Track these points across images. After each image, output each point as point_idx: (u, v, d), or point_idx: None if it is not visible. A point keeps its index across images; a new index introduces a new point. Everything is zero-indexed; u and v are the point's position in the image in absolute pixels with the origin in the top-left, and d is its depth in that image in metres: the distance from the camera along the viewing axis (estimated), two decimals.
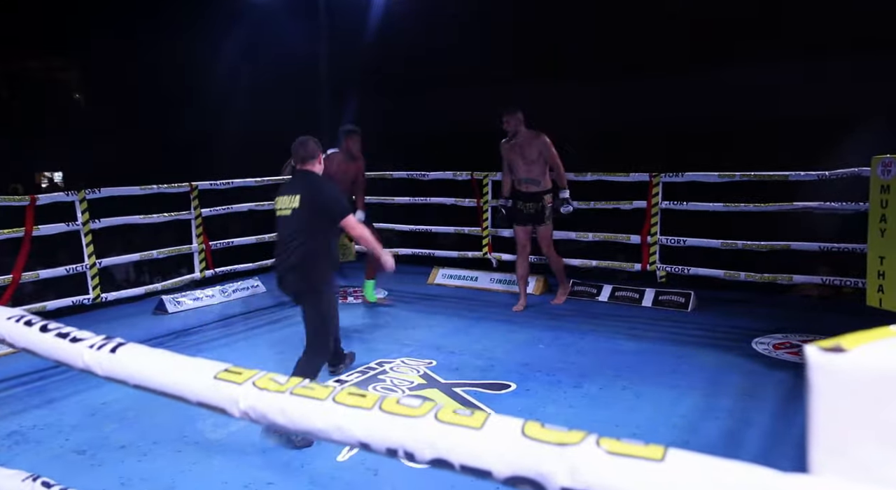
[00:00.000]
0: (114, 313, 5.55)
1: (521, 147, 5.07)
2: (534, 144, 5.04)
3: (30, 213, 4.63)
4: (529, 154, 5.06)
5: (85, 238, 4.93)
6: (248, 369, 0.85)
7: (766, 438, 3.00)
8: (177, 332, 5.04)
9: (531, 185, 5.12)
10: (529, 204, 5.15)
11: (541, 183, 5.12)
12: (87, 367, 1.07)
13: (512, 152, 5.12)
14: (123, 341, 1.07)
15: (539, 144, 5.04)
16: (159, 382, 0.96)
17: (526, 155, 5.07)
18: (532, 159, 5.06)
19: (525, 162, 5.08)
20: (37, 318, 1.24)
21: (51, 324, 1.23)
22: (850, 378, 0.47)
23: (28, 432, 3.26)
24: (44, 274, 4.88)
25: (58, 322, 1.27)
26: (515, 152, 5.10)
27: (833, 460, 0.48)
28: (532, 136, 5.05)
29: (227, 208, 6.06)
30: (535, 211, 5.16)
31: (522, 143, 5.06)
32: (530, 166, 5.07)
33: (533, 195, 5.15)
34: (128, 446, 3.06)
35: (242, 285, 6.21)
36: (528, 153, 5.06)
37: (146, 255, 5.61)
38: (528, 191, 5.14)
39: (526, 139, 5.05)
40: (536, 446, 0.58)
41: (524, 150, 5.07)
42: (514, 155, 5.11)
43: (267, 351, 4.55)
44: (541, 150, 5.04)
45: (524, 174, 5.10)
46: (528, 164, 5.07)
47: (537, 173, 5.10)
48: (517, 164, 5.11)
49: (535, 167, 5.07)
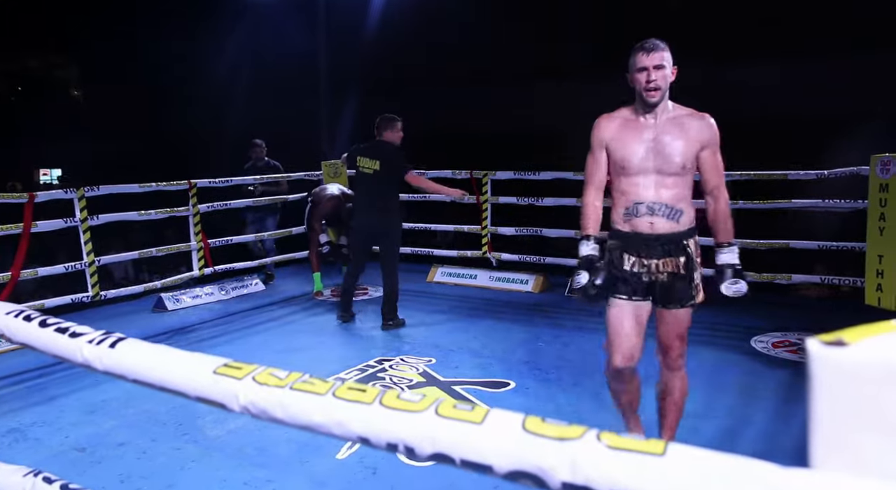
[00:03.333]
0: (113, 311, 5.55)
1: (660, 134, 2.43)
2: (686, 130, 2.42)
3: (28, 210, 4.63)
4: (672, 151, 2.41)
5: (83, 235, 4.93)
6: (247, 364, 0.85)
7: (765, 436, 3.00)
8: (176, 330, 5.04)
9: (661, 217, 2.45)
10: (654, 257, 2.46)
11: (681, 215, 2.45)
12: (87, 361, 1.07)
13: (631, 142, 2.45)
14: (123, 336, 1.07)
15: (698, 133, 2.43)
16: (158, 377, 0.96)
17: (666, 152, 2.41)
18: (674, 163, 2.41)
19: (658, 167, 2.42)
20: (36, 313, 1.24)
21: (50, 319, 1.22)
22: (851, 372, 0.47)
23: (27, 430, 3.26)
24: (43, 271, 4.87)
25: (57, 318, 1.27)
26: (639, 143, 2.44)
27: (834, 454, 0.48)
28: (686, 117, 2.45)
29: (226, 204, 6.05)
30: (666, 274, 2.47)
31: (664, 127, 2.43)
32: (665, 179, 2.43)
33: (664, 240, 2.46)
34: (127, 444, 3.06)
35: (242, 283, 6.21)
36: (669, 149, 2.41)
37: (145, 254, 5.61)
38: (654, 232, 2.46)
39: (672, 120, 2.44)
40: (537, 441, 0.58)
41: (662, 140, 2.42)
42: (634, 147, 2.44)
43: (266, 348, 4.55)
44: (699, 145, 2.43)
45: (651, 194, 2.44)
46: (663, 173, 2.42)
47: (677, 194, 2.45)
48: (637, 170, 2.45)
49: (676, 182, 2.44)
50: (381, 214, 4.67)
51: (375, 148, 4.69)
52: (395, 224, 4.76)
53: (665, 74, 2.37)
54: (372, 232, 4.75)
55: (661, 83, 2.36)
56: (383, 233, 4.71)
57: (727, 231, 2.46)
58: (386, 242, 4.73)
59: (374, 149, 4.69)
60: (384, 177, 4.63)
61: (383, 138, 4.70)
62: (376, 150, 4.67)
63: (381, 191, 4.66)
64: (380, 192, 4.66)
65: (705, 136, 2.41)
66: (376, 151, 4.66)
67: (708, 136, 2.41)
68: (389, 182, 4.67)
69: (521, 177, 6.02)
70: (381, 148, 4.68)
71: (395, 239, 4.76)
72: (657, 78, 2.35)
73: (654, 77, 2.35)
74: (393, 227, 4.73)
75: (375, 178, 4.64)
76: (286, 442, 2.98)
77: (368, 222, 4.73)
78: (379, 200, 4.67)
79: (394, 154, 4.67)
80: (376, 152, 4.66)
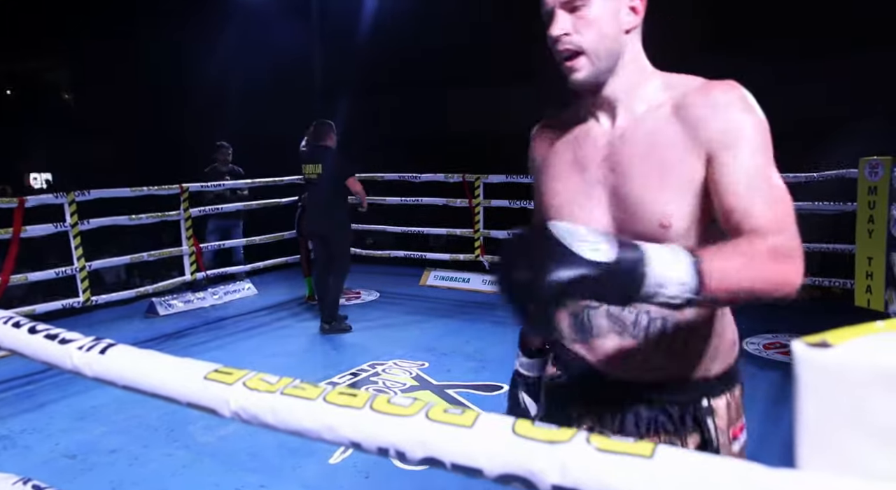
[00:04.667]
0: (103, 316, 5.51)
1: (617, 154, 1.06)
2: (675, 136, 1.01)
3: (18, 214, 4.60)
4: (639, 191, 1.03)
5: (74, 240, 4.90)
6: (238, 369, 0.85)
7: (756, 437, 3.01)
8: (167, 335, 5.02)
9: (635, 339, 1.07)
10: (618, 424, 1.12)
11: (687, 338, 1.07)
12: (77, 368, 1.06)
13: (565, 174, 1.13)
14: (113, 342, 1.06)
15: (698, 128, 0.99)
16: (149, 383, 0.95)
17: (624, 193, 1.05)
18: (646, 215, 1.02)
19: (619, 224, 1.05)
20: (25, 320, 1.23)
21: (39, 325, 1.22)
22: (836, 373, 0.48)
23: (17, 437, 3.23)
24: (32, 276, 4.84)
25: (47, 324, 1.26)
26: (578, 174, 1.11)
27: (819, 455, 0.48)
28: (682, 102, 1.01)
29: (217, 208, 6.03)
30: None
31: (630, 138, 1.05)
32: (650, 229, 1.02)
33: (643, 395, 1.10)
34: (118, 450, 3.04)
35: (234, 288, 6.19)
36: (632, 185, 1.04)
37: (136, 258, 5.58)
38: (618, 373, 1.10)
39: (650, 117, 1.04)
40: (527, 444, 0.59)
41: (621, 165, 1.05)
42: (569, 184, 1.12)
43: (258, 353, 4.53)
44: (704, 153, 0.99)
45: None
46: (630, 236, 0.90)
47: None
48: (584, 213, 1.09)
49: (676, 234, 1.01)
50: (328, 218, 4.76)
51: (316, 153, 4.79)
52: (343, 227, 4.86)
53: (597, 18, 1.01)
54: (322, 235, 4.84)
55: (587, 42, 1.02)
56: (331, 236, 4.78)
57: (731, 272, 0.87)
58: (334, 245, 4.79)
59: (314, 154, 4.79)
60: (328, 181, 4.72)
61: (323, 143, 4.80)
62: (317, 156, 4.77)
63: (326, 195, 4.74)
64: (325, 197, 4.75)
65: (711, 130, 0.98)
66: (317, 157, 4.77)
67: (718, 127, 0.98)
68: (335, 186, 4.74)
69: (514, 180, 6.03)
70: (321, 153, 4.77)
71: (342, 241, 4.85)
72: (570, 30, 1.01)
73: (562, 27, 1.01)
74: (340, 230, 4.82)
75: (320, 184, 4.74)
76: (278, 447, 2.97)
77: (318, 227, 4.84)
78: (325, 205, 4.76)
79: (335, 158, 4.76)
80: (318, 158, 4.76)
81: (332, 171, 4.71)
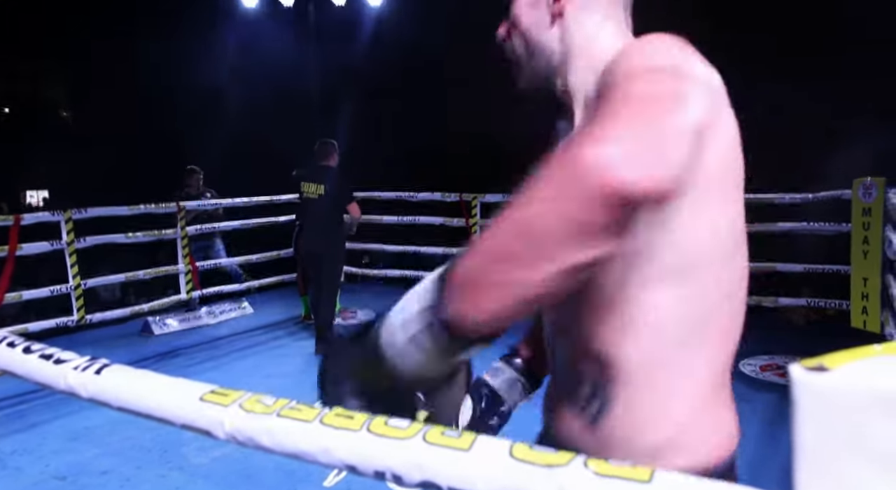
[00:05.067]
0: (98, 335, 5.48)
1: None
2: None
3: (14, 232, 4.58)
4: None
5: (70, 258, 4.88)
6: (234, 390, 0.84)
7: (752, 460, 2.99)
8: (162, 354, 4.98)
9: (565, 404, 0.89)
10: None
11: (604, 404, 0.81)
12: (71, 388, 1.05)
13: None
14: (108, 363, 1.06)
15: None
16: (144, 405, 0.95)
17: None
18: None
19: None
20: (20, 340, 1.22)
21: (34, 345, 1.21)
22: (833, 397, 0.48)
23: (7, 458, 3.19)
24: (27, 294, 4.81)
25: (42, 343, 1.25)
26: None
27: (818, 481, 0.48)
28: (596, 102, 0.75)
29: (214, 227, 6.02)
30: None
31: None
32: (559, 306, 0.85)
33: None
34: (110, 472, 3.00)
35: (230, 306, 6.16)
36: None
37: (132, 277, 5.56)
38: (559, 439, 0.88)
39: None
40: (524, 468, 0.58)
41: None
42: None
43: (254, 372, 4.50)
44: None
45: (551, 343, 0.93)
46: None
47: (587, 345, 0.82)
48: None
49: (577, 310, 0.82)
50: (325, 238, 4.76)
51: (319, 173, 4.79)
52: (338, 248, 4.91)
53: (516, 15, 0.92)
54: (316, 255, 4.82)
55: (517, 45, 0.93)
56: (325, 256, 4.78)
57: None
58: (327, 267, 4.81)
59: (318, 174, 4.80)
60: (329, 202, 4.74)
61: (326, 163, 4.82)
62: (321, 176, 4.78)
63: (325, 215, 4.76)
64: (324, 217, 4.77)
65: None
66: (321, 177, 4.77)
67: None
68: (334, 207, 4.78)
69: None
70: (324, 173, 4.78)
71: (336, 263, 4.91)
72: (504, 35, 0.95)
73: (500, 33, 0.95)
74: (335, 251, 4.87)
75: (320, 203, 4.75)
76: (273, 470, 2.93)
77: (314, 246, 4.81)
78: (323, 225, 4.77)
79: (339, 180, 4.79)
80: (321, 177, 4.77)
81: (334, 191, 4.72)
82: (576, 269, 0.61)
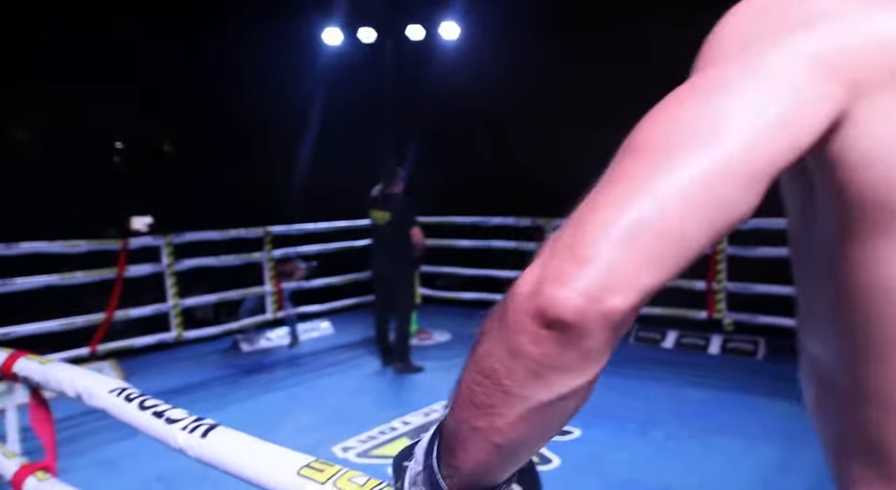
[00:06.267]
0: (192, 352, 5.84)
1: None
2: None
3: (122, 255, 5.03)
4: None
5: (169, 279, 5.29)
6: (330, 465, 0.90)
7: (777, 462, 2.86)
8: (249, 370, 5.28)
9: None
10: None
11: None
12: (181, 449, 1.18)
13: None
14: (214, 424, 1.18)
15: None
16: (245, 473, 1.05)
17: None
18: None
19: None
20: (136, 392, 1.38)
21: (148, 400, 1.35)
22: None
23: (114, 461, 3.47)
24: (134, 313, 5.23)
25: (155, 399, 1.40)
26: None
27: None
28: None
29: (296, 250, 6.33)
30: None
31: None
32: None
33: None
34: (205, 478, 3.22)
35: (312, 326, 6.44)
36: None
37: (223, 297, 5.93)
38: None
39: None
40: None
41: None
42: None
43: (336, 389, 4.70)
44: None
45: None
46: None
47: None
48: None
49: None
50: (393, 262, 5.01)
51: (386, 201, 5.05)
52: (406, 271, 5.12)
53: None
54: (386, 278, 5.09)
55: None
56: (395, 280, 5.04)
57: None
58: (398, 290, 5.04)
59: (384, 202, 5.06)
60: (395, 228, 4.98)
61: (391, 191, 5.07)
62: (387, 204, 5.03)
63: (393, 240, 5.00)
64: (392, 242, 5.00)
65: None
66: (387, 204, 5.03)
67: None
68: (400, 232, 4.99)
69: None
70: (390, 201, 5.04)
71: (406, 286, 5.12)
72: None
73: None
74: (404, 275, 5.09)
75: (387, 229, 5.02)
76: None
77: (382, 270, 5.10)
78: (391, 249, 5.00)
79: (404, 207, 5.02)
80: (387, 205, 5.03)
81: (399, 218, 4.98)
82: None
